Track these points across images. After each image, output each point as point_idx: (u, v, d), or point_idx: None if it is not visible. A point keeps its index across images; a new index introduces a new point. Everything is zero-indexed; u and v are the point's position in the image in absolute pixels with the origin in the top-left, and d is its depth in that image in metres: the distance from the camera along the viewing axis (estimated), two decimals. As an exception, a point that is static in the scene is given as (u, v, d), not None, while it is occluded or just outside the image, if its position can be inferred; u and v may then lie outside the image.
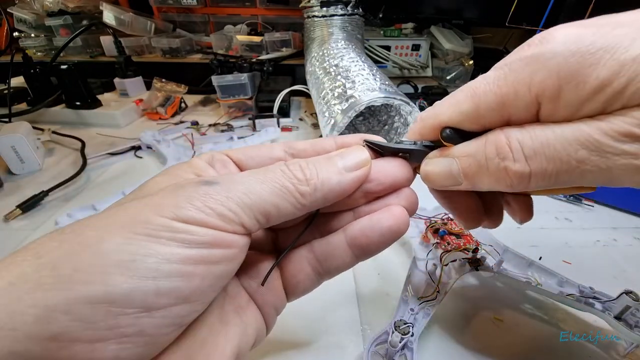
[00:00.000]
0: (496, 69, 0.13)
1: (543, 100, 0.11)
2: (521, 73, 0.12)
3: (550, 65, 0.11)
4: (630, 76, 0.10)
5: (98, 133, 0.52)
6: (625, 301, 0.20)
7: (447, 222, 0.28)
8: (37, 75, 0.54)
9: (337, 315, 0.24)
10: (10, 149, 0.40)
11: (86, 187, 0.39)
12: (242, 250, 0.12)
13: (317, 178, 0.13)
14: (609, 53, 0.10)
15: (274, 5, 0.83)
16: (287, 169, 0.13)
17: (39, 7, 0.75)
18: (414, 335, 0.19)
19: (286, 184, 0.12)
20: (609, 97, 0.10)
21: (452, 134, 0.14)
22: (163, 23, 0.83)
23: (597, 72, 0.10)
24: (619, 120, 0.10)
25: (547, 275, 0.24)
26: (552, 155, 0.11)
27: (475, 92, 0.13)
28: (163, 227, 0.10)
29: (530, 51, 0.12)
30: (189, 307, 0.10)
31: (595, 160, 0.11)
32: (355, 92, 0.37)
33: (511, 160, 0.12)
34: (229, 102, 0.58)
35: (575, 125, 0.11)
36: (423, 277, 0.25)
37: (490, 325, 0.23)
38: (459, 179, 0.14)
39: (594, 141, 0.11)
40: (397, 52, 0.81)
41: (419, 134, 0.15)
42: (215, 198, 0.11)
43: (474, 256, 0.25)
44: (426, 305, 0.22)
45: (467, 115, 0.13)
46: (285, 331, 0.22)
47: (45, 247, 0.09)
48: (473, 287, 0.26)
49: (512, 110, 0.12)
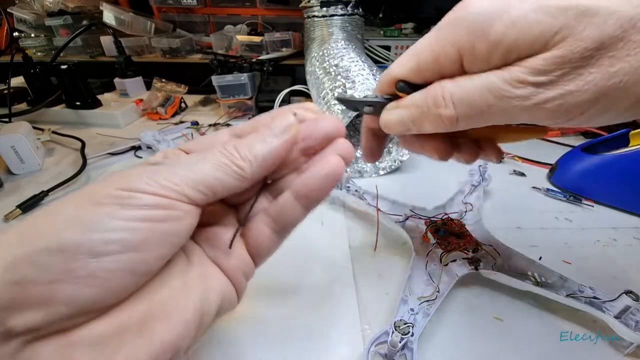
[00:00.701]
0: (431, 30, 0.16)
1: (464, 54, 0.14)
2: (446, 32, 0.14)
3: (465, 24, 0.14)
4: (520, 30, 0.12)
5: (98, 133, 0.52)
6: (625, 301, 0.20)
7: (447, 222, 0.28)
8: (37, 75, 0.54)
9: (337, 315, 0.24)
10: (10, 149, 0.40)
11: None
12: (188, 213, 0.13)
13: (249, 152, 0.14)
14: (505, 12, 0.13)
15: (274, 5, 0.83)
16: (224, 149, 0.14)
17: (39, 7, 0.76)
18: (414, 335, 0.19)
19: (224, 160, 0.14)
20: (506, 49, 0.13)
21: (404, 86, 0.17)
22: (163, 23, 0.83)
23: (495, 27, 0.13)
24: (515, 69, 0.13)
25: (547, 275, 0.24)
26: (471, 102, 0.14)
27: (416, 51, 0.16)
28: (109, 195, 0.11)
29: (453, 14, 0.14)
30: (138, 256, 0.11)
31: (500, 105, 0.14)
32: (355, 92, 0.37)
33: (443, 107, 0.15)
34: (229, 102, 0.58)
35: (485, 76, 0.14)
36: (423, 277, 0.25)
37: (489, 325, 0.23)
38: (409, 125, 0.17)
39: (498, 88, 0.13)
40: (397, 52, 0.81)
41: (379, 89, 0.18)
42: (161, 174, 0.12)
43: (474, 256, 0.25)
44: (426, 305, 0.22)
45: (411, 70, 0.16)
46: (285, 331, 0.22)
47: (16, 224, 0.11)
48: (473, 287, 0.26)
49: (443, 64, 0.15)
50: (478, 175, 0.36)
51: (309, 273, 0.27)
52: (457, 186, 0.37)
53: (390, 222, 0.30)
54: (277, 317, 0.23)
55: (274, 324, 0.23)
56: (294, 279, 0.26)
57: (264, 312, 0.23)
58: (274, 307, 0.24)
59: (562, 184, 0.39)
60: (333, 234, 0.32)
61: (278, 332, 0.22)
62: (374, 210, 0.29)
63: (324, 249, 0.30)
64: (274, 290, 0.25)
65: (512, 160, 0.45)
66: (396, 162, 0.42)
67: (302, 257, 0.29)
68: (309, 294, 0.25)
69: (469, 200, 0.33)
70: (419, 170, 0.43)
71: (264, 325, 0.23)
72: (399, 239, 0.31)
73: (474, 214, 0.31)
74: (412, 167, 0.43)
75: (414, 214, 0.30)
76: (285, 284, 0.26)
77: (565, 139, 0.52)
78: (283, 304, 0.24)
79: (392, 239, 0.31)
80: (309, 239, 0.31)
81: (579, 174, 0.37)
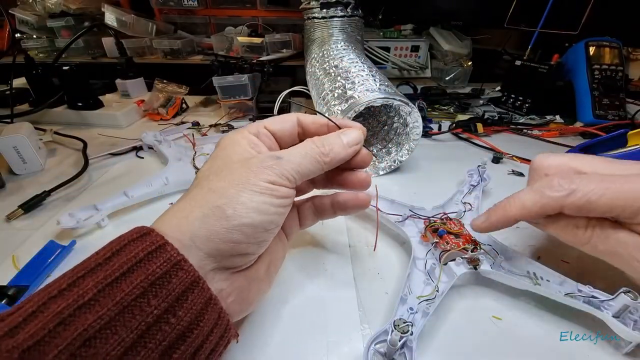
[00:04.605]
0: None
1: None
2: None
3: None
4: None
5: (100, 133, 0.53)
6: (624, 300, 0.21)
7: (445, 222, 0.29)
8: (39, 77, 0.54)
9: (337, 315, 0.24)
10: (13, 149, 0.40)
11: (88, 187, 0.39)
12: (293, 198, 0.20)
13: (333, 151, 0.21)
14: None
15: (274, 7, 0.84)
16: (315, 146, 0.20)
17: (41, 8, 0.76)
18: (413, 334, 0.19)
19: (317, 157, 0.20)
20: None
21: None
22: (164, 24, 0.83)
23: None
24: None
25: (546, 274, 0.24)
26: None
27: None
28: (264, 188, 0.17)
29: None
30: (277, 229, 0.19)
31: None
32: (355, 92, 0.37)
33: None
34: (229, 102, 0.59)
35: None
36: (422, 277, 0.25)
37: (489, 325, 0.23)
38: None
39: None
40: (397, 53, 0.81)
41: None
42: (284, 167, 0.18)
43: (472, 256, 0.25)
44: (425, 304, 0.22)
45: None
46: (284, 331, 0.23)
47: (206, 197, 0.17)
48: (472, 286, 0.26)
49: None
50: (477, 175, 0.36)
51: (308, 272, 0.27)
52: (456, 186, 0.38)
53: (389, 222, 0.30)
54: (276, 316, 0.23)
55: (273, 324, 0.23)
56: (293, 279, 0.27)
57: (264, 312, 0.24)
58: (273, 307, 0.24)
59: (561, 184, 0.39)
60: (333, 234, 0.32)
61: (277, 331, 0.22)
62: (373, 210, 0.29)
63: (324, 249, 0.30)
64: (273, 290, 0.25)
65: (510, 160, 0.45)
66: (395, 163, 0.42)
67: (302, 257, 0.29)
68: (309, 294, 0.25)
69: (468, 200, 0.33)
70: (418, 170, 0.43)
71: (263, 324, 0.23)
72: (398, 238, 0.31)
73: (472, 214, 0.31)
74: (411, 167, 0.44)
75: (413, 214, 0.30)
76: (285, 284, 0.26)
77: (564, 140, 0.52)
78: (282, 304, 0.24)
79: (391, 239, 0.31)
80: (309, 238, 0.31)
81: (577, 174, 0.37)
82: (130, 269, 0.14)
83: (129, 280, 0.13)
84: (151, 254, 0.14)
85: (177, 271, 0.14)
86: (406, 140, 0.41)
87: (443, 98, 0.65)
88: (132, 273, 0.14)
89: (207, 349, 0.15)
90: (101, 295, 0.13)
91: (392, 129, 0.44)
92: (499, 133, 0.54)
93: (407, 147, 0.41)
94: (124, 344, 0.12)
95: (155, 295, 0.14)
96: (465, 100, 0.65)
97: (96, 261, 0.14)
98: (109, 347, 0.12)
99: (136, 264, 0.14)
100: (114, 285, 0.13)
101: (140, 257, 0.14)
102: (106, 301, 0.13)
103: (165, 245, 0.15)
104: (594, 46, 0.56)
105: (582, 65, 0.56)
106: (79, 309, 0.12)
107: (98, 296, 0.13)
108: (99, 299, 0.13)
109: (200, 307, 0.15)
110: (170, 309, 0.14)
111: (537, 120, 0.58)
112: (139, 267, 0.14)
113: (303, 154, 0.19)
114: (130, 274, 0.14)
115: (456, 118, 0.59)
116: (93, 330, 0.12)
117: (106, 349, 0.12)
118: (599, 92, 0.55)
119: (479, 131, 0.52)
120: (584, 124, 0.55)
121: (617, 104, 0.55)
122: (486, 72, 0.79)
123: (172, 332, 0.14)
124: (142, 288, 0.13)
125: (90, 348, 0.12)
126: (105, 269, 0.14)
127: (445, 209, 0.32)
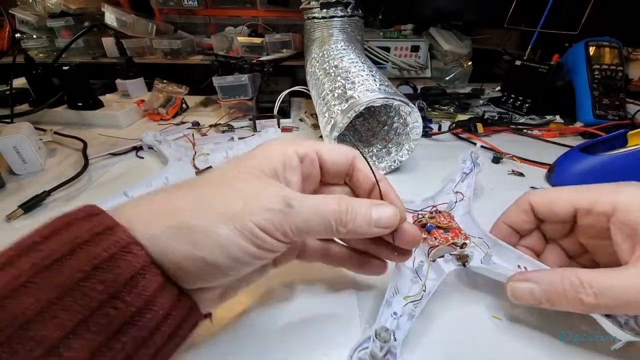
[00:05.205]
0: None
1: None
2: None
3: None
4: None
5: (100, 134, 0.53)
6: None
7: (434, 216, 0.28)
8: (39, 77, 0.54)
9: (337, 314, 0.24)
10: (13, 149, 0.40)
11: (88, 187, 0.39)
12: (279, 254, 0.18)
13: (354, 224, 0.17)
14: None
15: (274, 7, 0.84)
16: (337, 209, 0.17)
17: (41, 8, 0.76)
18: (397, 340, 0.18)
19: (332, 222, 0.17)
20: None
21: None
22: (164, 25, 0.83)
23: None
24: None
25: (537, 268, 0.23)
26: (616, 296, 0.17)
27: None
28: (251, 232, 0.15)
29: None
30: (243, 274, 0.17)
31: None
32: (355, 92, 0.37)
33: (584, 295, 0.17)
34: (229, 102, 0.59)
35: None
36: (409, 275, 0.24)
37: (489, 324, 0.23)
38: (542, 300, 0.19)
39: None
40: (397, 53, 0.81)
41: None
42: (288, 220, 0.16)
43: (461, 252, 0.24)
44: (412, 305, 0.21)
45: None
46: (284, 331, 0.23)
47: None
48: (472, 286, 0.26)
49: None
50: (470, 162, 0.35)
51: (308, 272, 0.27)
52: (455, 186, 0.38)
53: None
54: (275, 316, 0.23)
55: (273, 324, 0.23)
56: (293, 279, 0.27)
57: (263, 312, 0.24)
58: (272, 307, 0.24)
59: (561, 184, 0.39)
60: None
61: (277, 332, 0.22)
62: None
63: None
64: (273, 290, 0.25)
65: (510, 160, 0.45)
66: (395, 162, 0.42)
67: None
68: (308, 294, 0.25)
69: (460, 189, 0.32)
70: (418, 170, 0.43)
71: (262, 325, 0.23)
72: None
73: (464, 204, 0.30)
74: (411, 167, 0.44)
75: (403, 209, 0.30)
76: (285, 284, 0.26)
77: (564, 140, 0.52)
78: (282, 304, 0.24)
79: (391, 239, 0.31)
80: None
81: (577, 174, 0.37)
82: (72, 250, 0.13)
83: (69, 263, 0.13)
84: (97, 236, 0.13)
85: (126, 254, 0.14)
86: (406, 140, 0.41)
87: (443, 98, 0.65)
88: (73, 255, 0.13)
89: (166, 331, 0.15)
90: (39, 277, 0.12)
91: (392, 129, 0.44)
92: (499, 133, 0.54)
93: (407, 147, 0.41)
94: (65, 328, 0.12)
95: (101, 280, 0.13)
96: (465, 100, 0.65)
97: (33, 239, 0.13)
98: (48, 330, 0.12)
99: (79, 245, 0.13)
100: (52, 268, 0.12)
101: (85, 238, 0.13)
102: (45, 284, 0.12)
103: (115, 228, 0.14)
104: (594, 46, 0.56)
105: (582, 65, 0.56)
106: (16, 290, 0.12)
107: (36, 278, 0.12)
108: (36, 282, 0.12)
109: (152, 292, 0.14)
110: (117, 294, 0.13)
111: (537, 120, 0.58)
112: (82, 249, 0.13)
113: (316, 212, 0.17)
114: (71, 256, 0.13)
115: (456, 118, 0.59)
116: (31, 313, 0.12)
117: (45, 332, 0.12)
118: (599, 92, 0.55)
119: (479, 131, 0.52)
120: (584, 124, 0.55)
121: (617, 104, 0.55)
122: (486, 72, 0.79)
123: (119, 317, 0.13)
124: (84, 272, 0.13)
125: (29, 331, 0.11)
126: (41, 249, 0.13)
127: (435, 201, 0.31)
